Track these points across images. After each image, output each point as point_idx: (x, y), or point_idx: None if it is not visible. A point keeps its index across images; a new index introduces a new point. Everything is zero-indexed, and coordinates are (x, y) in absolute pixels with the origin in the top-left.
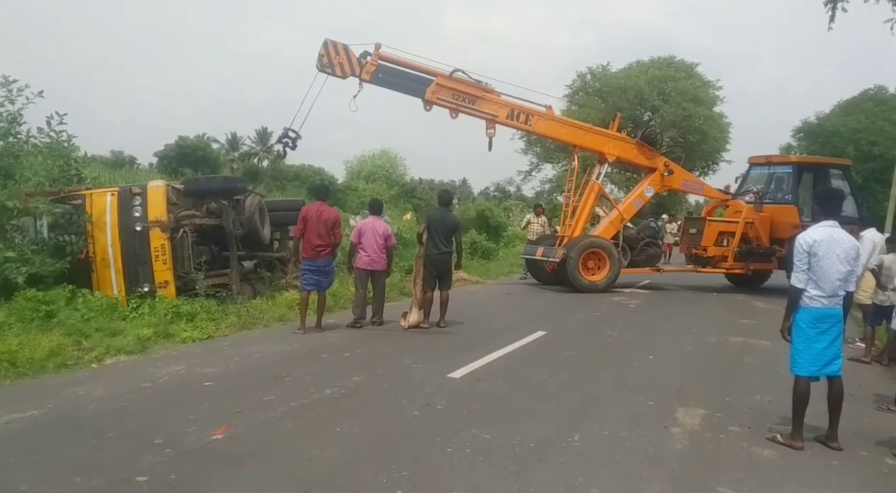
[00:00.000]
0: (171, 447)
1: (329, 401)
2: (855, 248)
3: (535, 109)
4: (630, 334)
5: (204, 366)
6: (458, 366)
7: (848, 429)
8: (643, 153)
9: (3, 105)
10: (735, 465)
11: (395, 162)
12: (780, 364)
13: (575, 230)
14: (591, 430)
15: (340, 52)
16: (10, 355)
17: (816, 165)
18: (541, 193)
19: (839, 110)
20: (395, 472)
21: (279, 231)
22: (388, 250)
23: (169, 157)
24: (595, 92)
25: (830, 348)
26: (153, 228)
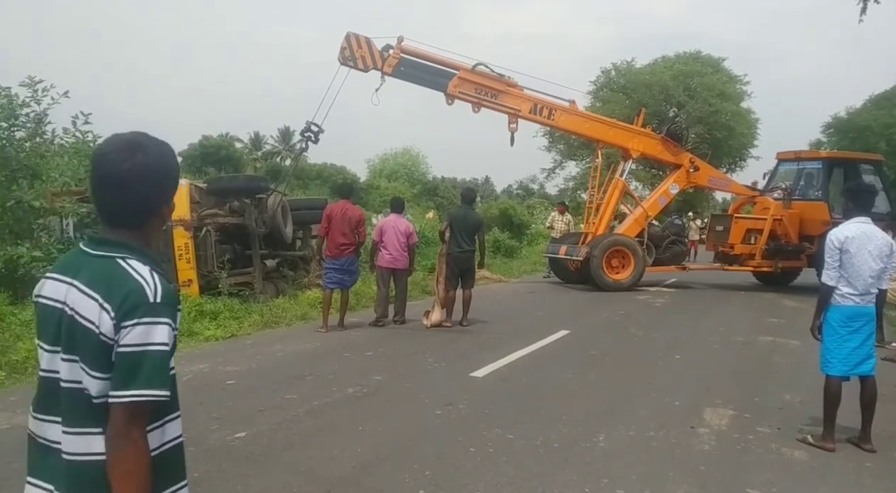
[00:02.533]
0: (193, 445)
1: (351, 400)
2: (888, 244)
3: (559, 104)
4: (656, 334)
5: (227, 364)
6: (481, 365)
7: (882, 431)
8: (668, 149)
9: (29, 105)
10: (764, 466)
11: (417, 160)
12: (810, 364)
13: (599, 228)
14: (617, 430)
15: (363, 46)
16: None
17: (847, 161)
18: (564, 191)
19: (871, 105)
20: (418, 472)
21: (302, 230)
22: (410, 249)
23: (193, 156)
24: (619, 88)
25: (862, 347)
26: (176, 227)
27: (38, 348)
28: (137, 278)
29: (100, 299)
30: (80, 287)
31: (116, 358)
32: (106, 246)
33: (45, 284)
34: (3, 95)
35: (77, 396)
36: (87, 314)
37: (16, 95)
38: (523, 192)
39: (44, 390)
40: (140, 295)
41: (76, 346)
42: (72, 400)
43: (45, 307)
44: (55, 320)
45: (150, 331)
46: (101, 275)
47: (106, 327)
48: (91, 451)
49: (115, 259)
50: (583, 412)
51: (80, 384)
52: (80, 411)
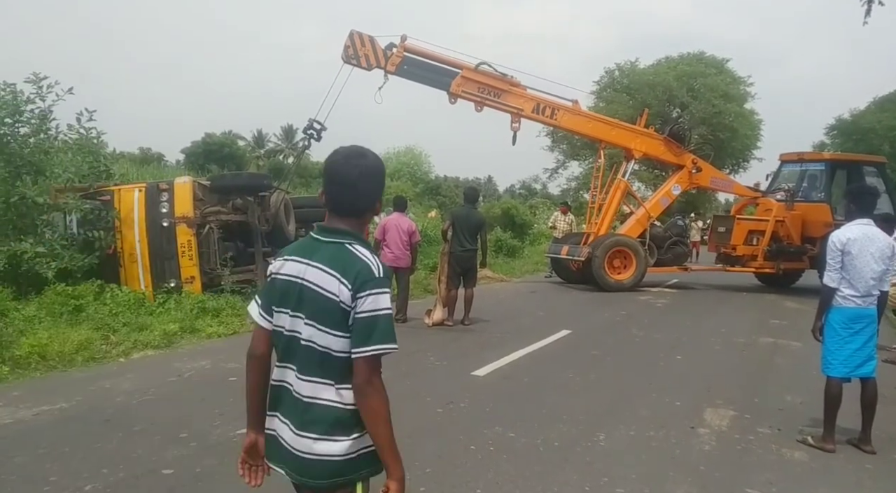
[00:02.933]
0: (196, 440)
1: None
2: (890, 246)
3: (561, 104)
4: (657, 334)
5: (229, 361)
6: (483, 364)
7: (882, 432)
8: (670, 150)
9: (33, 102)
10: (764, 467)
11: (420, 159)
12: (811, 365)
13: (601, 228)
14: (617, 430)
15: (366, 44)
16: (40, 349)
17: (850, 163)
18: (567, 191)
19: (875, 107)
20: (419, 469)
21: (304, 228)
22: (412, 247)
23: (196, 154)
24: (623, 88)
25: (864, 348)
26: (180, 224)
27: (276, 313)
28: (364, 259)
29: (338, 275)
30: (319, 266)
31: (354, 322)
32: (335, 234)
33: (284, 264)
34: (9, 92)
35: (311, 351)
36: (328, 288)
37: (21, 91)
38: (526, 192)
39: (283, 345)
40: (369, 272)
41: (317, 312)
42: (307, 354)
43: (285, 282)
44: (295, 292)
45: (379, 299)
46: (337, 257)
47: (344, 296)
48: (317, 396)
49: (344, 244)
50: (583, 411)
51: (316, 343)
52: (313, 363)
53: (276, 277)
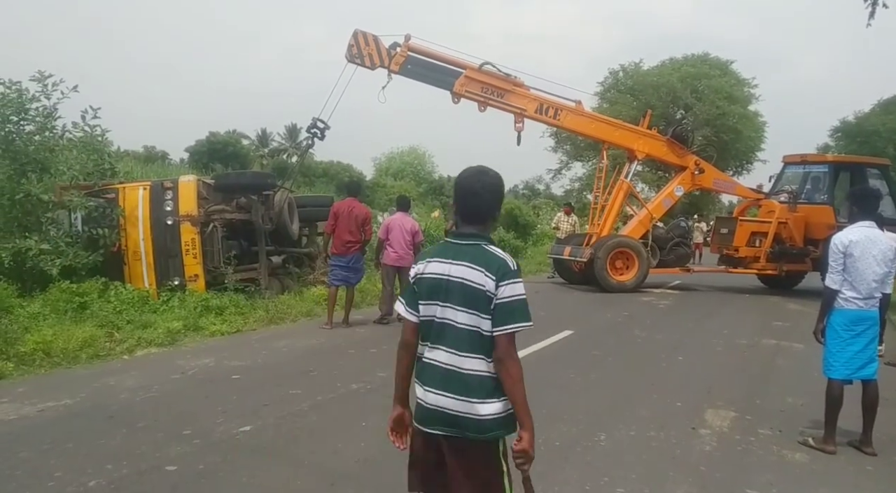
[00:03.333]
0: (199, 437)
1: (355, 396)
2: (892, 249)
3: (565, 104)
4: (659, 335)
5: (232, 359)
6: None
7: (883, 434)
8: (673, 151)
9: (38, 100)
10: (765, 468)
11: (424, 159)
12: (812, 367)
13: (603, 229)
14: (618, 430)
15: (370, 43)
16: (44, 345)
17: (853, 165)
18: (570, 192)
19: (879, 109)
20: None
21: (308, 227)
22: (415, 247)
23: (200, 152)
24: (627, 89)
25: (865, 351)
26: (184, 223)
27: (424, 305)
28: (500, 257)
29: (483, 270)
30: (464, 264)
31: (496, 307)
32: (470, 238)
33: (427, 265)
34: (14, 90)
35: (466, 333)
36: (475, 280)
37: (26, 89)
38: (529, 192)
39: (434, 330)
40: (507, 266)
41: (467, 301)
42: (462, 336)
43: (432, 279)
44: (443, 286)
45: (516, 288)
46: (478, 256)
47: (489, 286)
48: (474, 368)
49: (481, 245)
50: (584, 411)
51: (469, 325)
52: (467, 342)
53: (423, 276)
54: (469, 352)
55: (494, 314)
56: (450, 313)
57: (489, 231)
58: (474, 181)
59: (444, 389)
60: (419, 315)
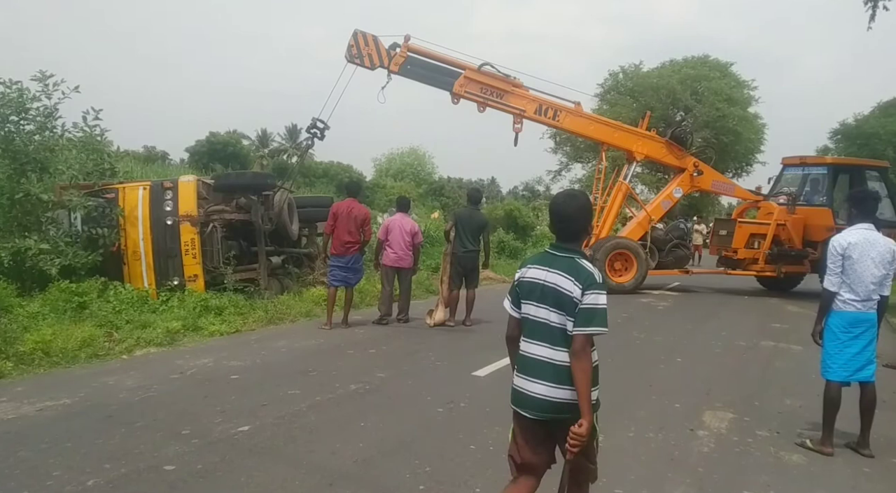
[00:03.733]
0: (197, 437)
1: (354, 396)
2: (891, 251)
3: (564, 105)
4: (658, 336)
5: (231, 359)
6: (483, 364)
7: (880, 436)
8: (672, 153)
9: (39, 99)
10: (762, 469)
11: (424, 160)
12: (811, 369)
13: (602, 231)
14: (617, 431)
15: (370, 43)
16: (43, 345)
17: (852, 167)
18: None
19: (878, 112)
20: (418, 468)
21: (307, 227)
22: (414, 248)
23: (200, 152)
24: (627, 91)
25: (863, 353)
26: (183, 223)
27: (524, 304)
28: (589, 270)
29: (573, 279)
30: (558, 272)
31: (579, 311)
32: (565, 251)
33: (528, 270)
34: (14, 90)
35: (558, 331)
36: (565, 287)
37: (27, 89)
38: (529, 193)
39: (530, 327)
40: (593, 278)
41: (558, 303)
42: (555, 333)
43: (531, 282)
44: (538, 289)
45: (598, 297)
46: (570, 267)
47: (576, 294)
48: (557, 359)
49: (574, 259)
50: None
51: (559, 325)
52: (558, 338)
53: (523, 279)
54: (561, 346)
55: (577, 317)
56: (543, 313)
57: (581, 245)
58: (566, 205)
59: (538, 377)
60: (521, 312)
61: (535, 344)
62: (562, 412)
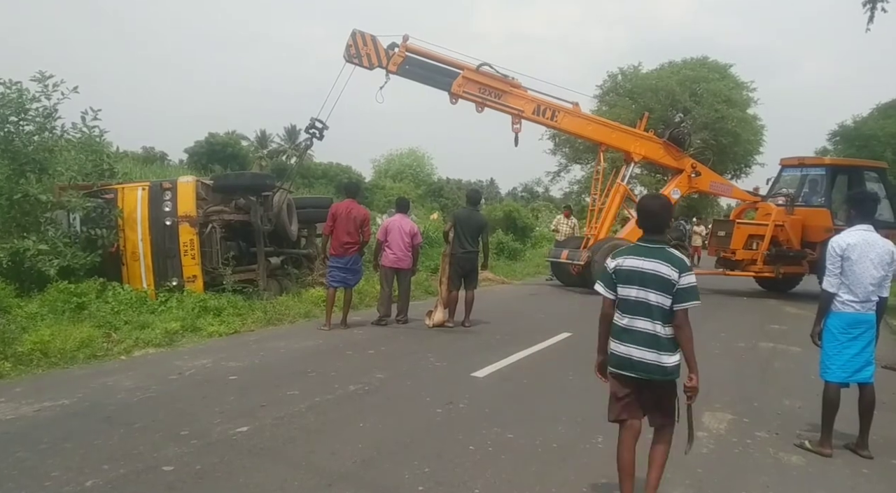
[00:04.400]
0: (196, 438)
1: (353, 397)
2: (890, 253)
3: (562, 106)
4: None
5: (230, 360)
6: (482, 365)
7: (879, 437)
8: (670, 154)
9: (38, 100)
10: (762, 471)
11: (423, 161)
12: (810, 370)
13: (600, 232)
14: (616, 431)
15: (368, 43)
16: (42, 346)
17: (851, 168)
18: (569, 195)
19: (877, 113)
20: (417, 468)
21: (307, 228)
22: (414, 249)
23: (199, 153)
24: (626, 92)
25: (862, 354)
26: (182, 223)
27: (622, 288)
28: (680, 257)
29: (670, 265)
30: (656, 260)
31: (677, 290)
32: (656, 243)
33: (625, 260)
34: (14, 90)
35: (658, 308)
36: (665, 272)
37: (26, 89)
38: (528, 194)
39: (632, 305)
40: (685, 263)
41: (659, 286)
42: (656, 310)
43: (628, 270)
44: (637, 275)
45: (691, 278)
46: (665, 256)
47: (674, 277)
48: (658, 331)
49: (665, 248)
50: (582, 413)
51: (661, 303)
52: (655, 313)
53: (620, 268)
54: (658, 320)
55: (675, 296)
56: (643, 294)
57: (665, 237)
58: (653, 204)
59: (647, 346)
60: (616, 295)
61: (636, 319)
62: (657, 374)
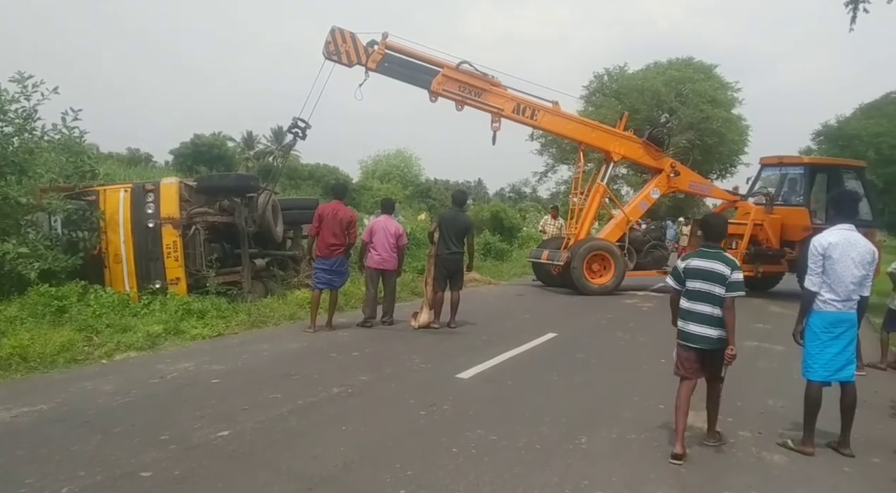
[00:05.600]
0: (176, 443)
1: (336, 400)
2: (871, 252)
3: (542, 105)
4: (642, 337)
5: (213, 363)
6: (467, 367)
7: (861, 436)
8: (649, 153)
9: (18, 101)
10: (744, 470)
11: (410, 162)
12: (793, 369)
13: (580, 233)
14: (599, 432)
15: (347, 40)
16: (21, 350)
17: (830, 167)
18: (556, 195)
19: (860, 113)
20: (400, 472)
21: (292, 229)
22: (399, 250)
23: (184, 154)
24: (612, 93)
25: (843, 353)
26: (165, 225)
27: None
28: (732, 258)
29: (724, 264)
30: (715, 261)
31: (730, 283)
32: (715, 249)
33: (692, 261)
34: None
35: (714, 296)
36: (721, 270)
37: (5, 90)
38: (515, 195)
39: (695, 294)
40: (735, 264)
41: (716, 281)
42: (714, 298)
43: (695, 268)
44: (701, 272)
45: (740, 274)
46: (722, 257)
47: (727, 273)
48: (716, 314)
49: (721, 253)
50: (566, 414)
51: (716, 293)
52: (714, 301)
53: (689, 267)
54: (716, 305)
55: (727, 287)
56: (706, 286)
57: (721, 244)
58: (715, 221)
59: (707, 324)
60: (684, 287)
61: (700, 304)
62: (715, 345)
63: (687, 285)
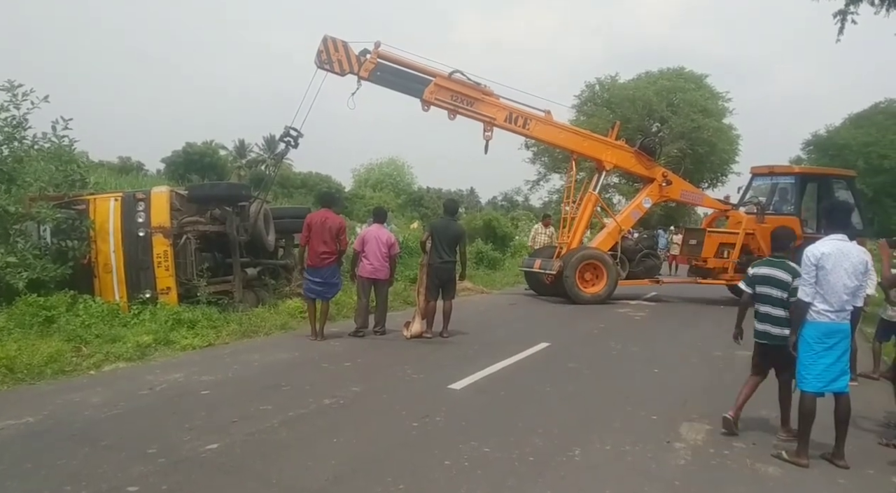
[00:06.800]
0: (164, 456)
1: (327, 411)
2: (864, 262)
3: (534, 114)
4: (635, 347)
5: (203, 374)
6: (460, 377)
7: (855, 447)
8: (641, 163)
9: (7, 109)
10: (739, 481)
11: (403, 170)
12: None
13: (572, 242)
14: (593, 444)
15: (340, 49)
16: (7, 361)
17: (820, 176)
18: (548, 204)
19: (850, 123)
20: (391, 485)
21: (285, 238)
22: (391, 259)
23: (176, 163)
24: (604, 102)
25: (837, 363)
26: (156, 234)
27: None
28: (795, 267)
29: (787, 272)
30: (780, 269)
31: (792, 289)
32: (780, 258)
33: (760, 269)
34: None
35: (777, 299)
36: (784, 277)
37: None
38: (508, 204)
39: (764, 298)
40: (797, 272)
41: (781, 286)
42: (777, 301)
43: (763, 275)
44: (768, 279)
45: (799, 281)
46: (786, 266)
47: (790, 280)
48: (781, 315)
49: (785, 261)
50: (559, 425)
51: (779, 296)
52: (778, 303)
53: (757, 274)
54: (780, 308)
55: (790, 292)
56: (774, 291)
57: (785, 253)
58: (782, 233)
59: (772, 324)
60: (755, 291)
61: (767, 306)
62: (780, 342)
63: (756, 290)
